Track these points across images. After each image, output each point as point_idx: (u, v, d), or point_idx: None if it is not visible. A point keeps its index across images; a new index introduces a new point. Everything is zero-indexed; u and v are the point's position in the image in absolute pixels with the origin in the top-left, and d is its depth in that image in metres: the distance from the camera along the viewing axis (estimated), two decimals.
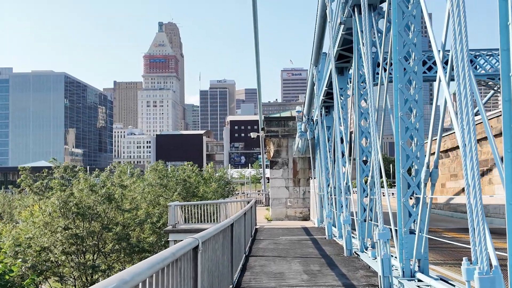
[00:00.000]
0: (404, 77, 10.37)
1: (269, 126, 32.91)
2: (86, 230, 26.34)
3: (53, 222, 26.35)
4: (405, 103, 10.35)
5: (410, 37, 10.43)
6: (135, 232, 30.93)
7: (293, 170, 32.85)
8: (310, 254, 15.67)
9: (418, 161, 10.29)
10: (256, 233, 23.35)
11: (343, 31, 16.83)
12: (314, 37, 18.88)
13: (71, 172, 29.49)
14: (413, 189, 10.27)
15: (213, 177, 57.03)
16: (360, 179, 15.26)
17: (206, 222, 27.83)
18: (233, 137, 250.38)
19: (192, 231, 27.34)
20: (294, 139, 32.14)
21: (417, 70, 10.38)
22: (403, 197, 10.20)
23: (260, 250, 16.80)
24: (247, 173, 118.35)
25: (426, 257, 10.00)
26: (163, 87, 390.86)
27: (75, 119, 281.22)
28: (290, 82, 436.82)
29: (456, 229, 23.79)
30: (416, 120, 10.34)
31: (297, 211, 32.95)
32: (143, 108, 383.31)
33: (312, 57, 20.27)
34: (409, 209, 10.22)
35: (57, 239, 25.67)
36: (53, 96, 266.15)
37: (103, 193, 27.07)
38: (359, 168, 15.18)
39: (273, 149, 32.84)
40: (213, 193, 49.68)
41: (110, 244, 28.40)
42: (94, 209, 27.44)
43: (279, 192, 33.28)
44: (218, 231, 7.79)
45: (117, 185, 28.76)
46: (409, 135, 10.36)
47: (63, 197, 25.58)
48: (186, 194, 42.71)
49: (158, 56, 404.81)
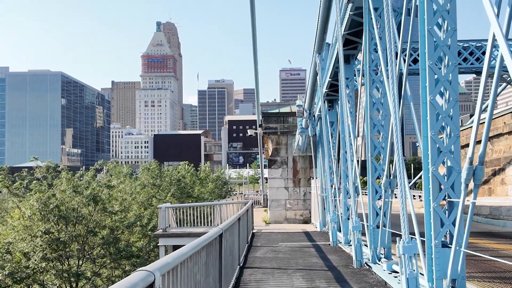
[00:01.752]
0: (434, 52, 8.33)
1: (267, 123, 30.75)
2: (69, 235, 24.29)
3: (33, 225, 24.33)
4: (436, 84, 8.33)
5: (441, 3, 8.40)
6: (123, 235, 28.87)
7: (293, 170, 30.75)
8: (314, 265, 13.62)
9: (452, 156, 8.26)
10: (253, 238, 21.30)
11: (351, 11, 14.83)
12: (317, 21, 16.83)
13: (54, 172, 27.37)
14: (446, 191, 8.24)
15: (209, 177, 55.17)
16: (372, 179, 13.23)
17: (200, 225, 25.96)
18: (231, 137, 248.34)
19: (184, 235, 25.33)
20: (294, 137, 30.03)
21: (450, 43, 8.36)
22: (434, 201, 8.17)
23: (257, 260, 14.76)
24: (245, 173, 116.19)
25: (464, 277, 7.99)
26: (161, 87, 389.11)
27: (73, 118, 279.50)
28: (289, 82, 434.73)
29: (478, 233, 21.58)
30: (449, 106, 8.31)
31: (297, 213, 30.86)
32: (141, 108, 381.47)
33: (315, 44, 18.20)
34: (441, 217, 8.19)
35: (37, 244, 23.62)
36: (50, 96, 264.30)
37: (88, 194, 25.00)
38: (370, 166, 13.16)
39: (272, 147, 30.73)
40: (210, 194, 47.86)
41: (97, 249, 26.40)
42: (79, 212, 25.40)
43: (278, 193, 31.19)
44: (197, 249, 5.73)
45: (103, 185, 26.63)
46: (440, 124, 8.34)
47: (43, 199, 23.51)
48: (180, 194, 40.78)
49: (156, 56, 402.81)
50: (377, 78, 13.30)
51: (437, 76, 8.31)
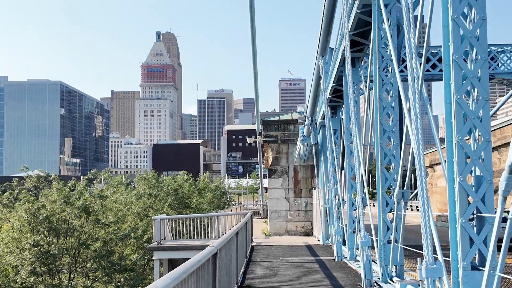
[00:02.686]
0: (461, 44, 7.28)
1: (267, 130, 29.63)
2: (60, 247, 23.14)
3: (22, 238, 23.18)
4: (463, 81, 7.26)
5: None
6: (117, 248, 27.68)
7: (294, 179, 29.60)
8: (320, 284, 12.48)
9: (482, 163, 7.18)
10: (252, 252, 20.16)
11: (358, 9, 13.79)
12: (321, 21, 15.81)
13: (45, 181, 26.22)
14: (475, 205, 7.15)
15: (208, 187, 53.95)
16: (382, 190, 12.13)
17: (197, 238, 24.79)
18: (230, 147, 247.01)
19: (180, 248, 24.14)
20: (295, 145, 28.92)
21: (479, 35, 7.30)
22: (461, 216, 7.07)
23: (256, 277, 13.61)
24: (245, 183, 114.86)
25: None
26: (161, 97, 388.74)
27: (72, 128, 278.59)
28: (288, 92, 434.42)
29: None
30: (478, 106, 7.24)
31: (299, 225, 29.68)
32: (140, 118, 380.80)
33: (319, 46, 17.15)
34: (470, 234, 7.09)
35: (25, 258, 22.45)
36: (48, 105, 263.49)
37: (80, 205, 23.86)
38: (380, 175, 12.06)
39: (272, 156, 29.60)
40: (209, 204, 46.64)
41: (89, 262, 25.23)
42: (70, 223, 24.26)
43: (278, 204, 30.02)
44: (182, 278, 4.63)
45: (96, 195, 25.48)
46: (468, 127, 7.26)
47: (32, 210, 22.37)
48: (178, 205, 39.60)
49: (155, 65, 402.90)
50: (387, 79, 12.24)
51: (464, 71, 7.24)
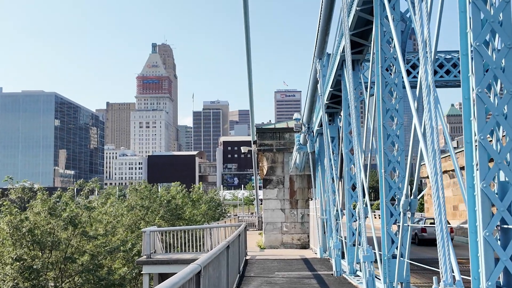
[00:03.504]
0: (481, 29, 6.33)
1: (262, 139, 28.62)
2: (43, 262, 22.00)
3: (4, 252, 22.06)
4: (484, 73, 6.31)
5: None
6: (106, 261, 26.55)
7: (290, 190, 28.57)
8: None
9: (508, 167, 6.20)
10: (245, 267, 19.08)
11: (357, 6, 12.89)
12: (319, 20, 14.89)
13: (30, 192, 25.12)
14: (500, 215, 6.17)
15: (202, 198, 52.92)
16: (386, 200, 11.14)
17: (189, 251, 23.71)
18: (226, 158, 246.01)
19: (171, 262, 22.95)
20: (291, 154, 27.92)
21: (502, 19, 6.36)
22: (485, 228, 6.08)
23: None
24: (240, 195, 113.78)
25: None
26: (156, 108, 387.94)
27: (66, 140, 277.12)
28: (284, 103, 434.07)
29: None
30: (503, 101, 6.26)
31: (295, 237, 28.59)
32: (135, 129, 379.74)
33: (316, 48, 16.22)
34: (495, 249, 6.10)
35: (7, 273, 21.30)
36: (43, 117, 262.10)
37: (65, 217, 22.76)
38: (384, 184, 11.07)
39: (267, 166, 28.58)
40: (203, 216, 45.63)
41: (76, 277, 24.10)
42: (55, 236, 23.14)
43: (273, 215, 28.96)
44: None
45: (82, 207, 24.38)
46: (491, 125, 6.30)
47: (14, 222, 21.26)
48: (170, 217, 38.51)
49: (151, 77, 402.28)
50: (391, 80, 11.30)
51: (486, 61, 6.29)
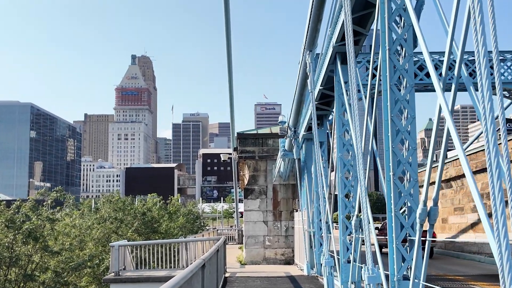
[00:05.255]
0: None
1: (244, 145, 26.63)
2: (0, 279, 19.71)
3: None
4: None
5: None
6: (71, 278, 24.24)
7: (273, 201, 26.59)
8: None
9: None
10: (225, 286, 17.00)
11: None
12: (311, 6, 13.07)
13: None
14: None
15: (180, 211, 50.98)
16: (395, 209, 9.22)
17: (163, 268, 21.60)
18: (205, 171, 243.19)
19: (142, 280, 20.70)
20: (275, 162, 25.99)
21: None
22: None
23: None
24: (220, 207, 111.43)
25: None
26: (135, 120, 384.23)
27: (42, 151, 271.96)
28: (264, 116, 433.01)
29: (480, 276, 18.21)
30: None
31: (278, 252, 26.56)
32: (114, 141, 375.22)
33: (306, 38, 14.35)
34: None
35: None
36: (18, 128, 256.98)
37: (25, 230, 20.48)
38: (393, 189, 9.17)
39: (249, 174, 26.57)
40: (180, 229, 43.60)
41: None
42: (13, 251, 20.83)
43: (255, 228, 26.92)
44: None
45: (44, 218, 22.10)
46: None
47: None
48: (145, 230, 36.30)
49: (130, 88, 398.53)
50: (400, 66, 9.47)
51: None
